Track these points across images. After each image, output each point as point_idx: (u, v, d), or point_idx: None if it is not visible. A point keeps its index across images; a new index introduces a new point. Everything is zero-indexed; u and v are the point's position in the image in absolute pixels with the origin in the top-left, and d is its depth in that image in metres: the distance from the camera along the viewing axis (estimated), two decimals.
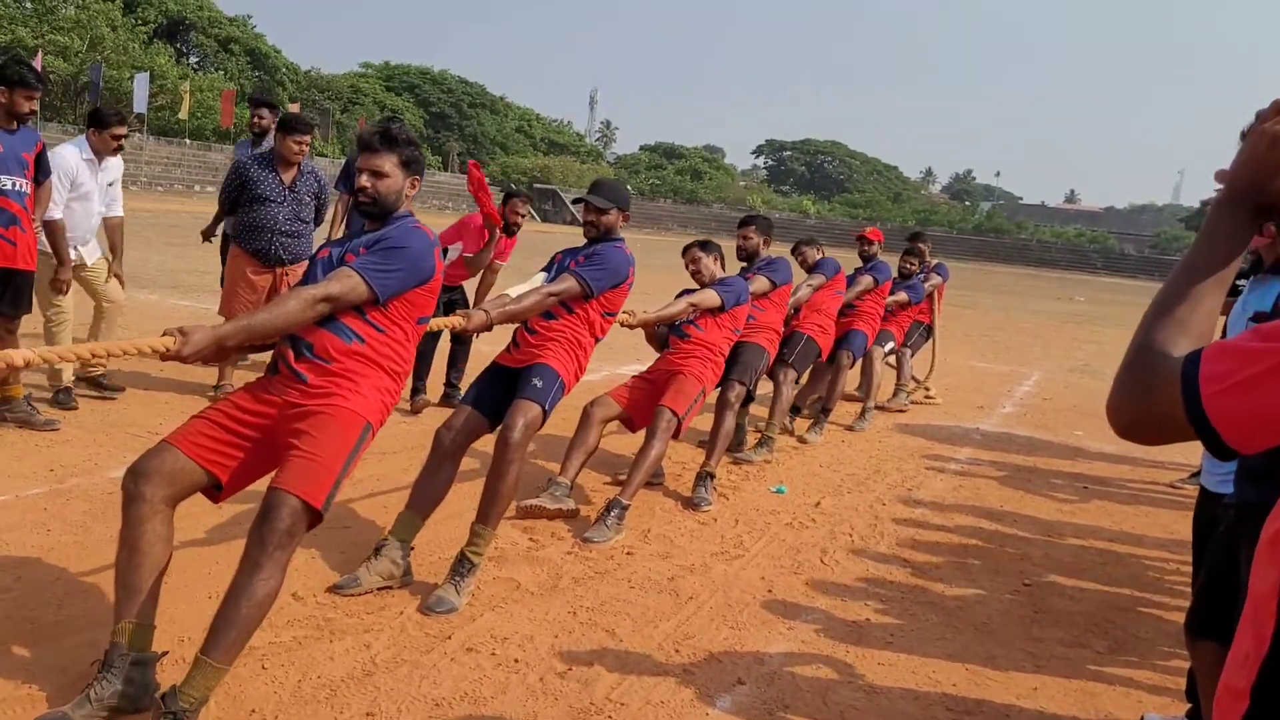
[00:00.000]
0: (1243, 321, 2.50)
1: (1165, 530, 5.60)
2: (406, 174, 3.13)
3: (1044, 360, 13.66)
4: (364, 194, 3.08)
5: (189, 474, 2.77)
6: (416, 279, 3.02)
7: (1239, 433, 1.04)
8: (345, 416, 2.86)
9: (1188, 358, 1.08)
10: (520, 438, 3.82)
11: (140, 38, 43.39)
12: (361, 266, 2.93)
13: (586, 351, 4.18)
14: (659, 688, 3.17)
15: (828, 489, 5.81)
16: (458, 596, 3.60)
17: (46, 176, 5.28)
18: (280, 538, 2.64)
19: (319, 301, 2.85)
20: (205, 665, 2.58)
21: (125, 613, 2.66)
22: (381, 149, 3.09)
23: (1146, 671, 3.69)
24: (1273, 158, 1.13)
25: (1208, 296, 1.15)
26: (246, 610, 2.60)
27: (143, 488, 2.69)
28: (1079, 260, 61.62)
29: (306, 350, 2.91)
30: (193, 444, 2.80)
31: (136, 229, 20.13)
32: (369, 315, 2.97)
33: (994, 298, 27.52)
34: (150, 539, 2.67)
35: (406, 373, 3.13)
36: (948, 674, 3.50)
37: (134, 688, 2.62)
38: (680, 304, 5.18)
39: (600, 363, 9.29)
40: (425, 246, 3.05)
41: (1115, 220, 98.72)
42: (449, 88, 67.67)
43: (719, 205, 64.76)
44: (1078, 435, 8.34)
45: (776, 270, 5.99)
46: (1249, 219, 1.17)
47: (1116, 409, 1.16)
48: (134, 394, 6.21)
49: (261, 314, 2.82)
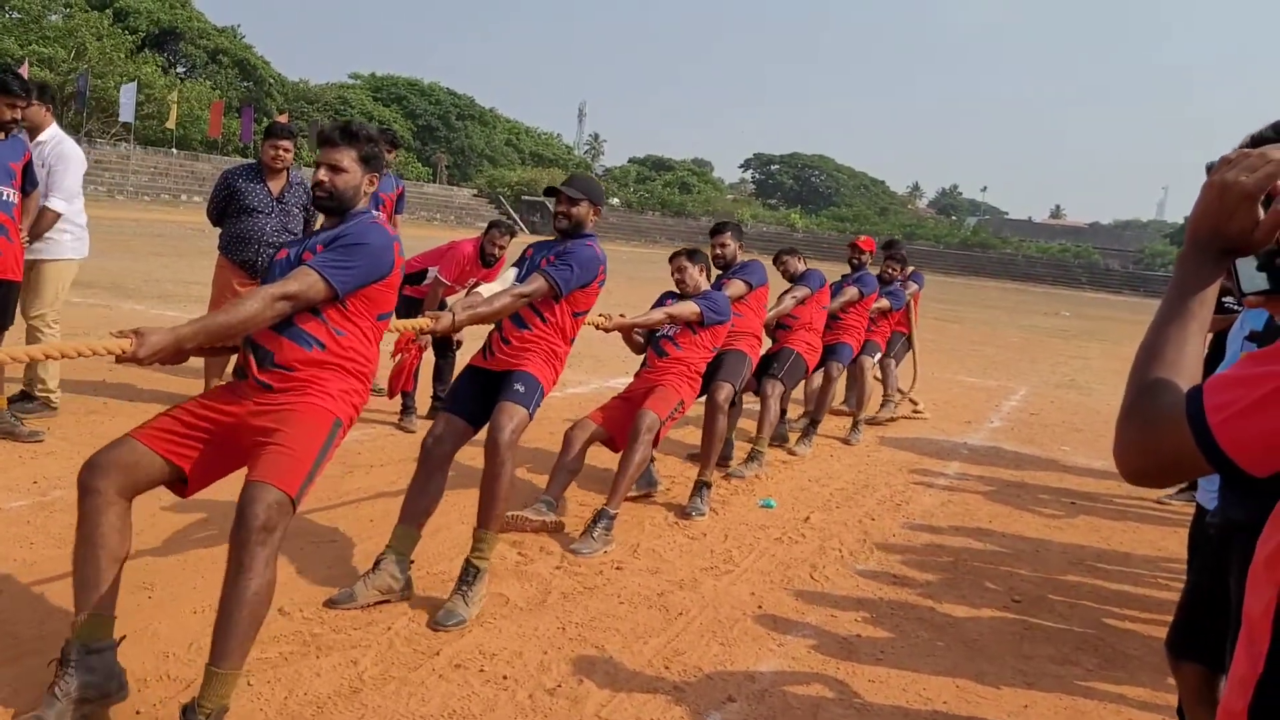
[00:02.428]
0: (1239, 339, 2.52)
1: (1153, 547, 5.61)
2: (365, 170, 3.10)
3: (1030, 375, 13.71)
4: (320, 189, 3.05)
5: (147, 465, 2.73)
6: (376, 274, 2.99)
7: (1253, 457, 1.07)
8: (315, 413, 2.84)
9: (1189, 394, 1.13)
10: (509, 438, 3.80)
11: (127, 47, 43.23)
12: (319, 264, 2.89)
13: (561, 359, 4.16)
14: (649, 705, 3.15)
15: (817, 504, 5.80)
16: (467, 607, 3.58)
17: (34, 187, 5.23)
18: (258, 533, 2.59)
19: (278, 300, 2.80)
20: (215, 675, 2.56)
21: (82, 606, 2.62)
22: (341, 144, 3.07)
23: (1136, 688, 3.68)
24: (1225, 205, 1.22)
25: (1191, 338, 1.23)
26: (239, 614, 2.56)
27: (97, 481, 2.65)
28: (1064, 275, 61.86)
29: (269, 360, 2.88)
30: (153, 436, 2.76)
31: (122, 238, 20.07)
32: (327, 316, 2.93)
33: (980, 312, 27.61)
34: (105, 530, 2.63)
35: (372, 373, 3.09)
36: (938, 691, 3.49)
37: (97, 675, 2.59)
38: (658, 313, 5.17)
39: (588, 375, 9.29)
40: (384, 241, 3.02)
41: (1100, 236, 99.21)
42: (437, 99, 67.64)
43: (706, 218, 64.80)
44: (1065, 451, 8.37)
45: (751, 272, 5.99)
46: (1215, 262, 1.25)
47: (1126, 456, 1.20)
48: (119, 405, 6.17)
49: (220, 315, 2.76)
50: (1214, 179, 1.24)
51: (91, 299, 10.81)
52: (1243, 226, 1.22)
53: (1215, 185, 1.24)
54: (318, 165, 3.07)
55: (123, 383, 6.58)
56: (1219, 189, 1.23)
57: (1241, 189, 1.22)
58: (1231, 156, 1.25)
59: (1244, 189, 1.21)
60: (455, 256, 6.70)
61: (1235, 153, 1.25)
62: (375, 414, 6.82)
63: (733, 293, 5.74)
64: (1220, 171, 1.24)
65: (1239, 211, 1.22)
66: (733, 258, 6.03)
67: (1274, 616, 1.09)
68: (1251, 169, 1.22)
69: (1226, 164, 1.24)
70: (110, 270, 13.86)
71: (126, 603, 3.42)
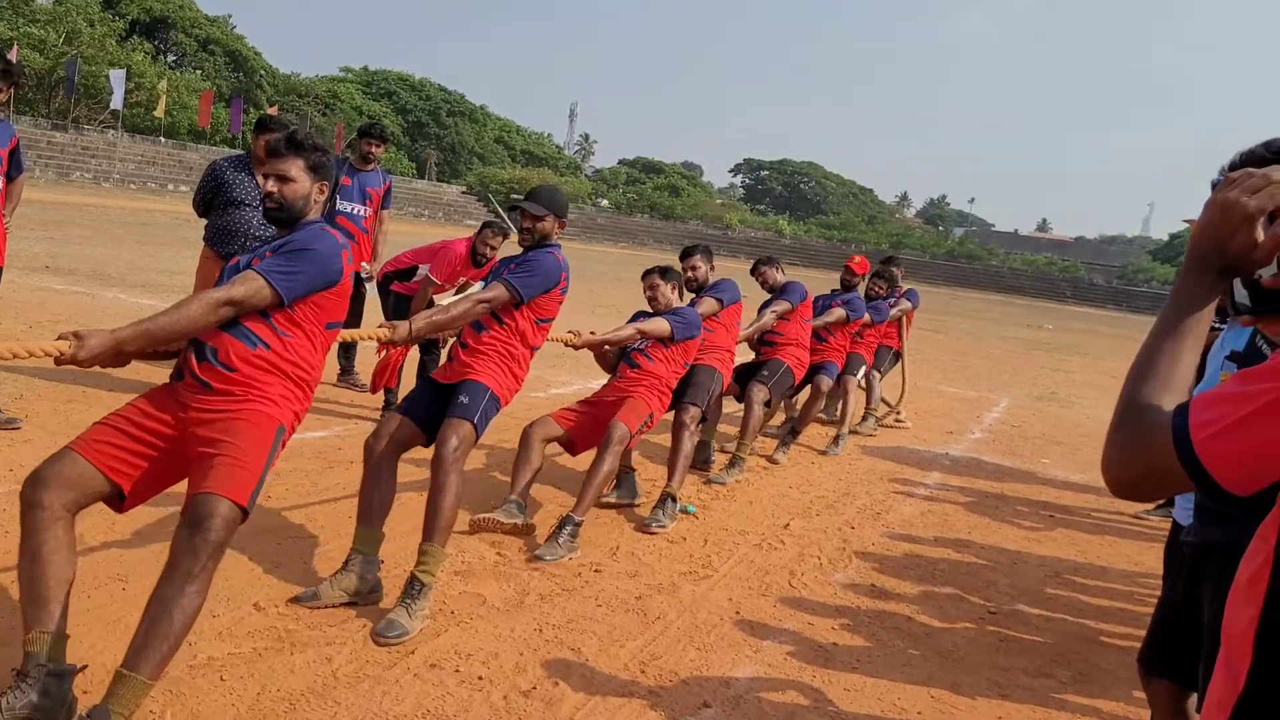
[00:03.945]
0: (1219, 358, 2.53)
1: (1130, 561, 5.64)
2: (314, 179, 3.08)
3: (1012, 387, 13.77)
4: (270, 199, 3.03)
5: (90, 482, 2.68)
6: (323, 281, 2.96)
7: (1233, 475, 1.08)
8: (257, 419, 2.81)
9: (1176, 410, 1.15)
10: (453, 454, 3.76)
11: (117, 33, 42.89)
12: (265, 269, 2.87)
13: (520, 362, 4.13)
14: (624, 709, 3.14)
15: (797, 511, 5.81)
16: (409, 620, 3.48)
17: (20, 172, 5.19)
18: (214, 548, 2.57)
19: (222, 305, 2.78)
20: (133, 681, 2.47)
21: (35, 622, 2.54)
22: (288, 154, 3.05)
23: (1110, 703, 3.70)
24: (1228, 223, 1.23)
25: (1185, 354, 1.24)
26: (179, 622, 2.52)
27: (41, 495, 2.60)
28: (1049, 288, 62.24)
29: (210, 355, 2.84)
30: (95, 451, 2.71)
31: (107, 226, 19.92)
32: (274, 319, 2.90)
33: (965, 323, 27.73)
34: (52, 546, 2.57)
35: (315, 381, 3.06)
36: (913, 700, 3.49)
37: (49, 700, 2.50)
38: (629, 329, 5.16)
39: (571, 375, 9.27)
40: (332, 249, 2.99)
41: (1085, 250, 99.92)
42: (428, 95, 67.33)
43: (695, 222, 64.88)
44: (1045, 463, 8.40)
45: (723, 290, 5.99)
46: (1214, 280, 1.26)
47: (1113, 469, 1.22)
48: (98, 395, 6.12)
49: (162, 317, 2.71)
50: (1217, 197, 1.25)
51: (74, 286, 10.73)
52: (1243, 246, 1.23)
53: (1218, 204, 1.25)
54: (265, 176, 3.05)
55: (102, 373, 6.53)
56: (1221, 208, 1.24)
57: (1243, 209, 1.22)
58: (1235, 176, 1.25)
59: (1246, 209, 1.22)
60: (447, 256, 6.68)
61: (1240, 172, 1.25)
62: (357, 410, 6.79)
63: (705, 310, 5.76)
64: (1223, 190, 1.24)
65: (1240, 231, 1.23)
66: (704, 280, 6.00)
67: (1255, 635, 1.10)
68: (1254, 189, 1.23)
69: (1230, 183, 1.25)
70: (93, 258, 13.76)
71: (99, 595, 3.41)
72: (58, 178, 33.06)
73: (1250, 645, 1.10)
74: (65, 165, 34.47)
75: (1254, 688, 1.10)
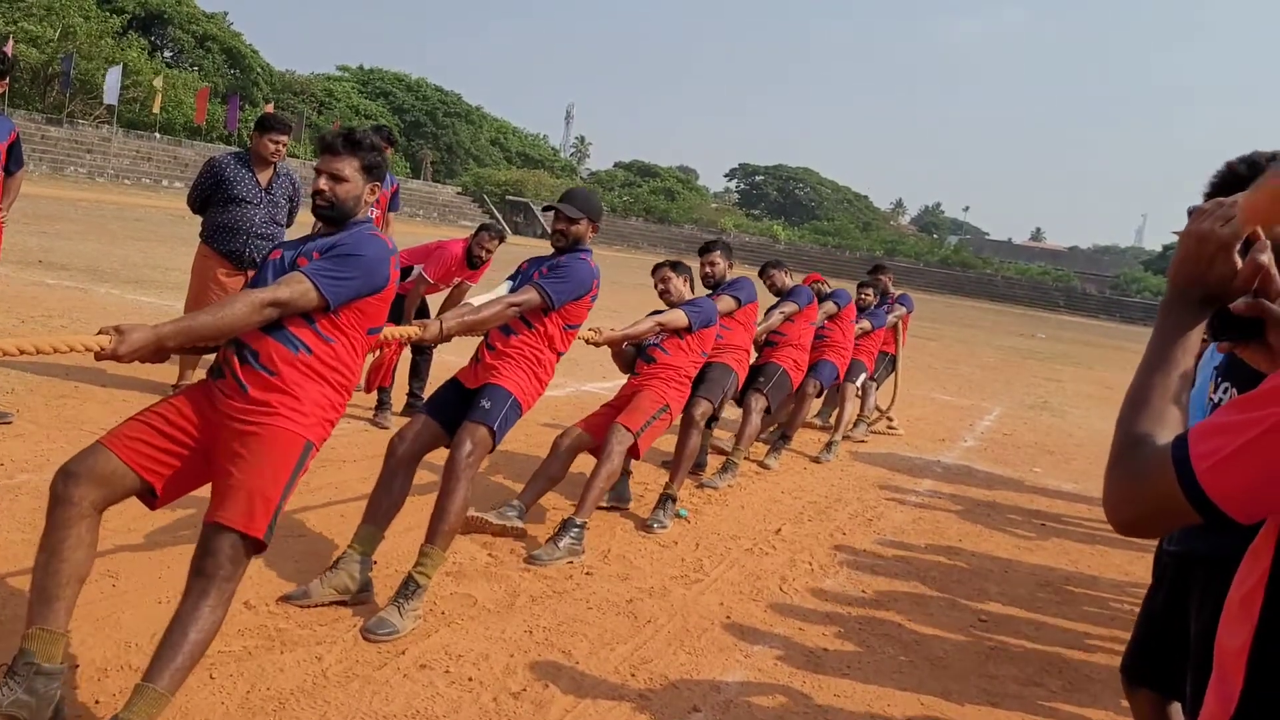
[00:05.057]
0: (1209, 367, 2.54)
1: (1120, 571, 5.66)
2: (367, 180, 3.04)
3: (1005, 395, 13.80)
4: (321, 197, 2.98)
5: (122, 479, 2.66)
6: (370, 287, 2.92)
7: (1236, 503, 1.07)
8: (284, 439, 2.76)
9: (1175, 442, 1.14)
10: (467, 459, 3.76)
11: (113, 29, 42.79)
12: (313, 272, 2.83)
13: (546, 368, 4.12)
14: (614, 712, 3.14)
15: (789, 516, 5.81)
16: (401, 619, 3.47)
17: (19, 167, 5.17)
18: (225, 571, 2.57)
19: (266, 306, 2.74)
20: (151, 692, 2.46)
21: (37, 619, 2.53)
22: (344, 152, 3.00)
23: (1099, 712, 3.71)
24: (1204, 254, 1.24)
25: (1176, 385, 1.24)
26: (195, 637, 2.51)
27: (72, 490, 2.57)
28: (1042, 297, 62.43)
29: (251, 358, 2.80)
30: (128, 448, 2.68)
31: (101, 221, 19.87)
32: (317, 324, 2.86)
33: (958, 331, 27.78)
34: (73, 544, 2.55)
35: (354, 384, 3.03)
36: (903, 707, 3.50)
37: (35, 699, 2.48)
38: (647, 323, 5.15)
39: (564, 377, 9.26)
40: (381, 255, 2.96)
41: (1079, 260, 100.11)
42: (424, 95, 67.33)
43: (690, 226, 64.91)
44: (1036, 472, 8.42)
45: (741, 289, 5.99)
46: (1196, 310, 1.27)
47: (1116, 508, 1.20)
48: (90, 390, 6.10)
49: (205, 315, 2.69)
50: (1190, 229, 1.26)
51: (67, 282, 10.70)
52: (1222, 275, 1.24)
53: (1192, 235, 1.26)
54: (318, 173, 3.00)
55: (94, 367, 6.51)
56: (1196, 239, 1.25)
57: (1218, 239, 1.23)
58: (1207, 206, 1.26)
59: (1220, 239, 1.23)
60: (442, 256, 6.67)
61: (1211, 203, 1.27)
62: (350, 409, 6.76)
63: (723, 308, 5.74)
64: (1196, 221, 1.25)
65: (1217, 260, 1.24)
66: (722, 276, 6.01)
67: (1249, 657, 1.10)
68: (1226, 218, 1.24)
69: (1202, 214, 1.26)
70: (86, 254, 13.72)
71: (89, 591, 3.39)
72: (52, 172, 32.97)
73: (1243, 668, 1.10)
74: (59, 160, 34.39)
75: (1246, 710, 1.10)
